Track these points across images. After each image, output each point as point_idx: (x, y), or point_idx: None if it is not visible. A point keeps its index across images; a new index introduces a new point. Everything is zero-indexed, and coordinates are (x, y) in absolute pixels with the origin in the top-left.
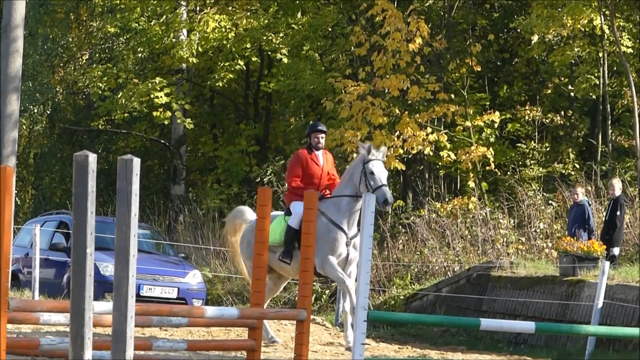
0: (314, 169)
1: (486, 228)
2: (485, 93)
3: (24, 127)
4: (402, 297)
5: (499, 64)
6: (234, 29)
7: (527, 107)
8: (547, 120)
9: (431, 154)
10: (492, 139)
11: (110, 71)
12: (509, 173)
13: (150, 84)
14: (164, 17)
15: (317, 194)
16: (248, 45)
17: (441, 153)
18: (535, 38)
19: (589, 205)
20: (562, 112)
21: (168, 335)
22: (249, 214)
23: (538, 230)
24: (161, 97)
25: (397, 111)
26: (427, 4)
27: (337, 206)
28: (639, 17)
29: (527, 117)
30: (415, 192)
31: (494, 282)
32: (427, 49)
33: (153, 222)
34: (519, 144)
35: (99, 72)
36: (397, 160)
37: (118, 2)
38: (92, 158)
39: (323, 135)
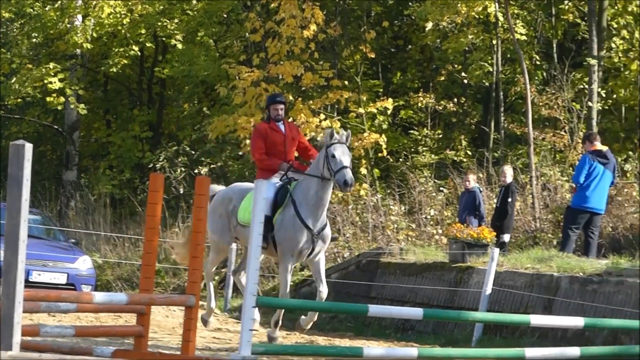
0: (275, 137)
1: (377, 214)
2: (379, 80)
3: None
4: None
5: (392, 50)
6: (129, 14)
7: (420, 94)
8: (440, 107)
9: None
10: (384, 126)
11: (4, 56)
12: (401, 160)
13: (44, 70)
14: (59, 2)
15: (209, 181)
16: (143, 31)
17: None
18: (429, 25)
19: (480, 192)
20: (455, 99)
21: (56, 321)
22: (212, 187)
23: (428, 217)
24: (55, 82)
25: (291, 97)
26: None
27: (306, 195)
28: (532, 4)
29: (420, 104)
30: None
31: (383, 268)
32: (322, 36)
33: (44, 208)
34: (412, 131)
35: None
36: None
37: None
38: None
39: (282, 106)
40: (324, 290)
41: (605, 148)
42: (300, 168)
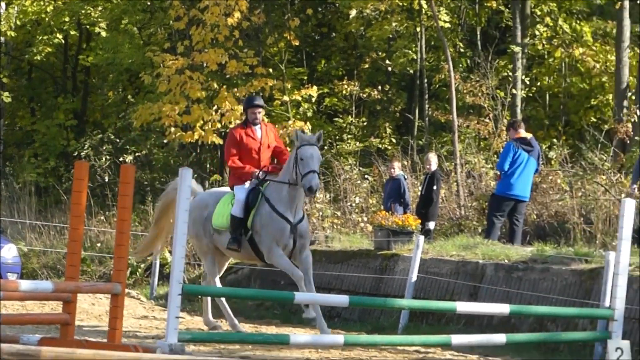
0: (251, 144)
1: None
2: (303, 67)
3: None
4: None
5: (317, 38)
6: (53, 2)
7: (344, 82)
8: (365, 95)
9: None
10: (309, 114)
11: None
12: (325, 147)
13: None
14: None
15: (133, 169)
16: (67, 19)
17: None
18: (353, 12)
19: (405, 179)
20: (380, 87)
21: None
22: (193, 185)
23: (353, 205)
24: None
25: (216, 85)
26: None
27: (279, 193)
28: None
29: (344, 92)
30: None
31: None
32: (246, 23)
33: None
34: (336, 119)
35: None
36: (214, 135)
37: None
38: None
39: (260, 110)
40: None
41: (529, 135)
42: (274, 171)
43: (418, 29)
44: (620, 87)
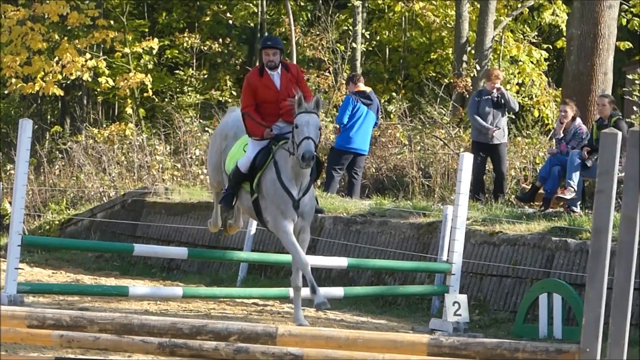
0: (266, 94)
1: (142, 154)
2: (145, 20)
3: None
4: (57, 222)
5: None
6: None
7: (185, 34)
8: (205, 48)
9: (90, 80)
10: (150, 66)
11: None
12: (166, 100)
13: None
14: None
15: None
16: None
17: (100, 79)
18: None
19: None
20: (220, 40)
21: None
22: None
23: (194, 157)
24: None
25: (57, 37)
26: None
27: (286, 162)
28: None
29: (185, 44)
30: (73, 118)
31: (148, 207)
32: None
33: None
34: (177, 71)
35: None
36: (55, 86)
37: None
38: None
39: (275, 51)
40: (297, 280)
41: (368, 89)
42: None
43: None
44: (459, 41)
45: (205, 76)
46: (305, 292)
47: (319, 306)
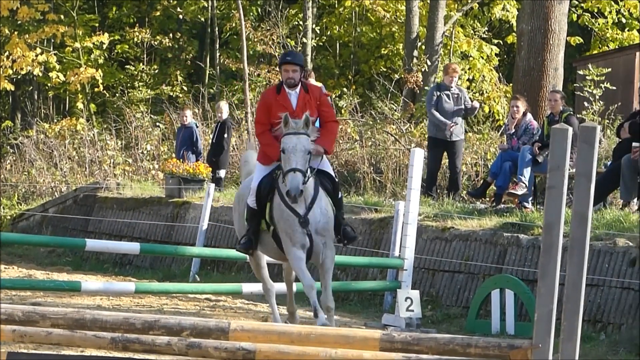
0: (282, 112)
1: (94, 149)
2: (95, 14)
3: None
4: (8, 217)
5: None
6: None
7: (136, 29)
8: (156, 43)
9: (40, 74)
10: (101, 61)
11: None
12: (117, 94)
13: None
14: None
15: None
16: None
17: (50, 74)
18: None
19: (197, 127)
20: (171, 35)
21: None
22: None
23: (145, 152)
24: None
25: (7, 31)
26: None
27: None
28: None
29: (136, 39)
30: (24, 113)
31: (100, 203)
32: None
33: None
34: (128, 66)
35: None
36: (6, 81)
37: None
38: None
39: (295, 68)
40: (325, 300)
41: (319, 84)
42: None
43: None
44: (410, 36)
45: (156, 71)
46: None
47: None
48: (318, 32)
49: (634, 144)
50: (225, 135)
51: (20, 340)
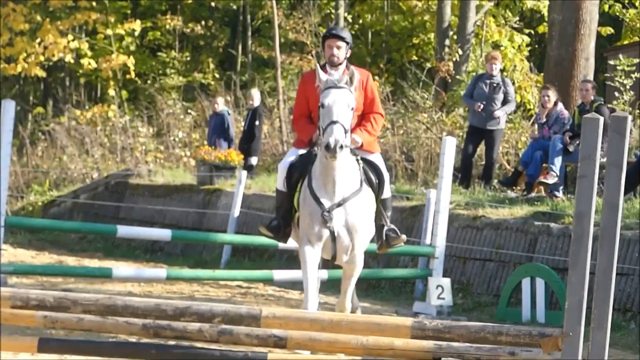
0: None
1: (125, 136)
2: (127, 1)
3: None
4: (40, 204)
5: None
6: None
7: (167, 16)
8: (188, 30)
9: (72, 61)
10: (132, 48)
11: None
12: (149, 82)
13: None
14: None
15: None
16: None
17: (82, 61)
18: None
19: (229, 114)
20: (203, 22)
21: None
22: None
23: (177, 139)
24: None
25: (39, 18)
26: None
27: (319, 165)
28: None
29: (167, 26)
30: (55, 100)
31: (132, 189)
32: None
33: None
34: (160, 53)
35: None
36: (37, 68)
37: None
38: None
39: (340, 43)
40: (339, 305)
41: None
42: None
43: None
44: (442, 26)
45: (188, 59)
46: None
47: None
48: (350, 20)
49: None
50: (257, 123)
51: (51, 326)
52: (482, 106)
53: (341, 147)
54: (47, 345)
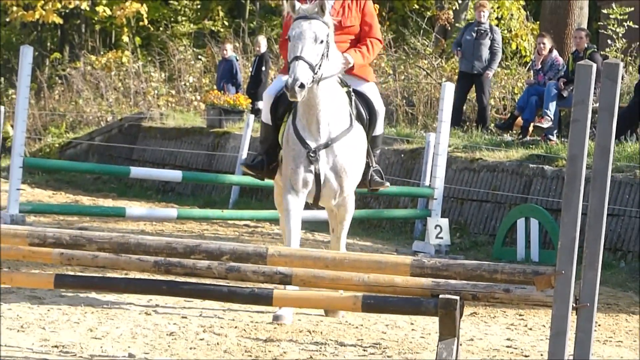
0: None
1: (138, 81)
2: None
3: None
4: (57, 145)
5: None
6: None
7: None
8: None
9: (87, 8)
10: None
11: None
12: (161, 29)
13: None
14: None
15: None
16: None
17: (97, 8)
18: None
19: (237, 60)
20: None
21: None
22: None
23: (187, 84)
24: None
25: None
26: None
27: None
28: None
29: None
30: (71, 45)
31: (144, 132)
32: None
33: None
34: (171, 1)
35: None
36: (55, 14)
37: None
38: None
39: None
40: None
41: None
42: None
43: None
44: None
45: (199, 6)
46: None
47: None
48: None
49: None
50: (264, 68)
51: (67, 263)
52: (460, 53)
53: (301, 86)
54: (63, 281)
